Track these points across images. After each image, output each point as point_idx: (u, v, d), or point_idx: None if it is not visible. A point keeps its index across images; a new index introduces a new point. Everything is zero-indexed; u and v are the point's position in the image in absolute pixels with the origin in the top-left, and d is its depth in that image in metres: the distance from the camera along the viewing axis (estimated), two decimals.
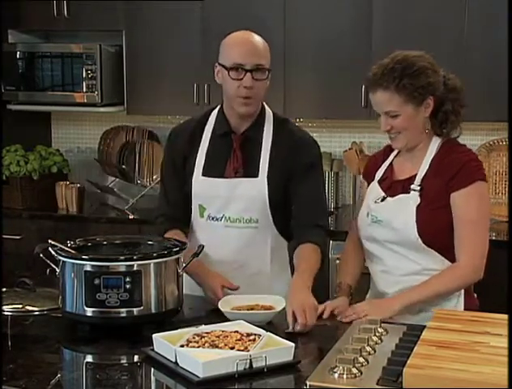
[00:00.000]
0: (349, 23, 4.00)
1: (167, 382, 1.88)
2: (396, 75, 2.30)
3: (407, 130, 2.35)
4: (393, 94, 2.30)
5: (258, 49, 2.47)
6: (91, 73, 4.36)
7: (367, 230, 2.45)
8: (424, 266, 2.35)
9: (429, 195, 2.34)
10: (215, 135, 2.59)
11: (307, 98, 4.13)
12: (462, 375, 1.62)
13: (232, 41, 2.51)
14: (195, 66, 4.26)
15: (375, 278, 2.49)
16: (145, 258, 2.19)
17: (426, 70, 2.32)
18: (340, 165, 4.35)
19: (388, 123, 2.36)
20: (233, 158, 2.56)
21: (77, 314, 2.18)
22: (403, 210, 2.35)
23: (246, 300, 2.33)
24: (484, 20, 3.78)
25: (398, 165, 2.48)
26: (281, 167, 2.55)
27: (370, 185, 2.52)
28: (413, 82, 2.29)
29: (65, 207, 4.39)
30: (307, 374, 1.78)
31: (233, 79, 2.44)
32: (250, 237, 2.56)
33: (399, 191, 2.40)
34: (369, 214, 2.44)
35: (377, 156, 2.61)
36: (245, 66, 2.43)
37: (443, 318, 1.98)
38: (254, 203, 2.53)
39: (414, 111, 2.33)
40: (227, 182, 2.55)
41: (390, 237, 2.38)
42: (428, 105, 2.34)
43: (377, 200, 2.43)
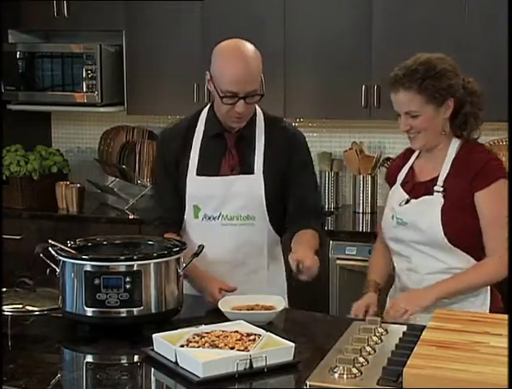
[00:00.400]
0: (349, 23, 4.00)
1: (167, 382, 1.89)
2: (419, 76, 2.34)
3: (427, 130, 2.39)
4: (415, 94, 2.35)
5: (251, 74, 2.44)
6: (91, 73, 4.36)
7: (392, 232, 2.49)
8: (450, 265, 2.39)
9: (453, 195, 2.38)
10: (208, 136, 2.60)
11: (307, 98, 4.13)
12: (462, 375, 1.62)
13: (226, 62, 2.45)
14: (195, 66, 4.25)
15: (401, 274, 2.52)
16: (145, 258, 2.19)
17: (448, 72, 2.36)
18: (340, 165, 4.35)
19: (408, 123, 2.40)
20: (228, 156, 2.57)
21: (77, 314, 2.18)
22: (427, 211, 2.39)
23: (246, 300, 2.34)
24: (484, 20, 3.78)
25: (418, 168, 2.51)
26: (276, 164, 2.57)
27: (392, 188, 2.57)
28: (435, 83, 2.34)
29: (65, 207, 4.39)
30: (307, 374, 1.78)
31: (225, 103, 2.45)
32: (247, 235, 2.57)
33: (422, 193, 2.43)
34: (394, 216, 2.48)
35: (397, 159, 2.65)
36: (239, 93, 2.43)
37: (443, 318, 1.98)
38: (251, 199, 2.55)
39: (434, 112, 2.36)
40: (223, 180, 2.55)
41: (416, 238, 2.42)
42: (448, 107, 2.37)
43: (401, 203, 2.47)
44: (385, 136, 4.36)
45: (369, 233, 3.92)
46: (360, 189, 4.21)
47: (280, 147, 2.59)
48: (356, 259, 3.76)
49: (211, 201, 2.55)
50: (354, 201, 4.25)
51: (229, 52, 2.48)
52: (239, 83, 2.42)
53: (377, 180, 4.25)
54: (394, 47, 3.93)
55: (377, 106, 3.97)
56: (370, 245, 3.73)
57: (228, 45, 2.52)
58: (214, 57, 2.52)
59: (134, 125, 4.70)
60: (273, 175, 2.56)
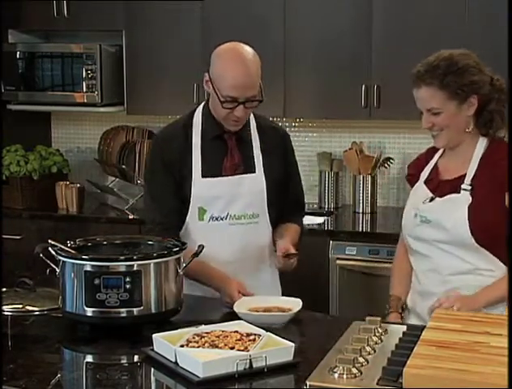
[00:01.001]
0: (349, 23, 4.00)
1: (167, 382, 1.89)
2: (440, 72, 2.30)
3: (449, 127, 2.34)
4: (436, 91, 2.31)
5: (251, 80, 2.46)
6: (91, 73, 4.36)
7: (414, 230, 2.43)
8: (476, 265, 2.33)
9: (481, 194, 2.32)
10: (208, 137, 2.60)
11: (307, 98, 4.13)
12: (462, 375, 1.62)
13: (226, 67, 2.46)
14: (195, 66, 4.25)
15: (420, 276, 2.45)
16: (145, 258, 2.19)
17: (470, 68, 2.32)
18: (340, 165, 4.35)
19: (430, 120, 2.36)
20: (230, 156, 2.59)
21: (77, 314, 2.18)
22: (454, 209, 2.33)
23: (263, 301, 2.32)
24: (484, 20, 3.78)
25: (443, 165, 2.46)
26: (273, 162, 2.64)
27: (415, 186, 2.51)
28: (457, 79, 2.29)
29: (65, 207, 4.39)
30: (307, 374, 1.78)
31: (225, 108, 2.47)
32: (252, 233, 2.60)
33: (448, 191, 2.38)
34: (417, 214, 2.42)
35: (420, 157, 2.60)
36: (239, 99, 2.45)
37: (443, 318, 1.98)
38: (255, 197, 2.59)
39: (456, 109, 2.32)
40: (229, 180, 2.57)
41: (440, 237, 2.36)
42: (472, 104, 2.33)
43: (425, 201, 2.41)
44: (385, 136, 4.36)
45: (369, 233, 3.93)
46: (360, 189, 4.21)
47: (275, 146, 2.67)
48: (356, 259, 3.76)
49: (218, 202, 2.56)
50: (354, 201, 4.25)
51: (229, 56, 2.49)
52: (239, 88, 2.43)
53: (377, 180, 4.25)
54: (394, 47, 3.94)
55: (377, 106, 3.97)
56: (370, 245, 3.75)
57: (228, 49, 2.52)
58: (214, 61, 2.52)
59: (134, 125, 4.70)
60: (271, 172, 2.62)
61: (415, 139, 4.31)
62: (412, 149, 4.31)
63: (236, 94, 2.44)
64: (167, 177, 2.60)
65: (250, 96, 2.46)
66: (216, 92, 2.47)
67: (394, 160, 4.27)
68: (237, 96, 2.45)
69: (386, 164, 4.25)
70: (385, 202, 4.37)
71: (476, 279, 2.33)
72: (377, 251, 3.73)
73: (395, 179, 4.36)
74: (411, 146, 4.32)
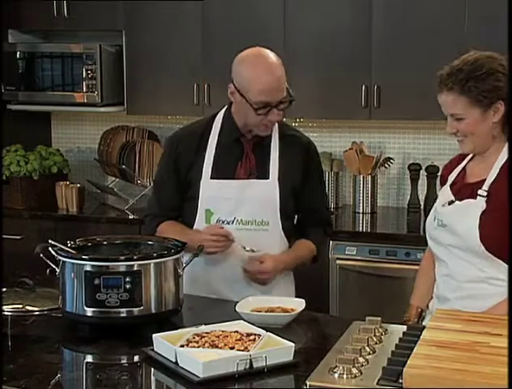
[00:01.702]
0: (349, 23, 4.00)
1: (167, 383, 1.89)
2: (462, 77, 2.22)
3: (473, 134, 2.27)
4: (458, 96, 2.23)
5: (279, 82, 2.47)
6: (91, 73, 4.36)
7: (433, 234, 2.40)
8: (490, 274, 2.26)
9: (497, 201, 2.24)
10: (225, 140, 2.59)
11: (307, 98, 4.12)
12: (461, 375, 1.62)
13: (255, 74, 2.46)
14: (195, 66, 4.26)
15: (438, 281, 2.42)
16: (145, 258, 2.19)
17: (496, 73, 2.22)
18: (340, 165, 4.35)
19: (453, 126, 2.28)
20: (245, 161, 2.58)
21: (77, 314, 2.18)
22: (467, 215, 2.28)
23: (266, 302, 2.31)
24: (484, 20, 3.77)
25: (470, 169, 2.40)
26: (291, 171, 2.59)
27: (442, 188, 2.47)
28: (478, 85, 2.21)
29: (65, 207, 4.39)
30: (307, 374, 1.78)
31: (259, 114, 2.46)
32: (262, 240, 2.55)
33: (467, 195, 2.32)
34: (436, 218, 2.38)
35: (453, 160, 2.53)
36: (271, 103, 2.46)
37: (443, 318, 1.98)
38: (266, 204, 2.55)
39: (481, 115, 2.24)
40: (238, 183, 2.55)
41: (454, 242, 2.31)
42: (498, 110, 2.23)
43: (444, 204, 2.37)
44: (385, 136, 4.36)
45: (369, 233, 3.93)
46: (360, 189, 4.21)
47: (295, 156, 2.62)
48: (356, 259, 3.76)
49: (226, 205, 2.54)
50: (354, 201, 4.25)
51: (255, 62, 2.48)
52: (270, 92, 2.44)
53: (377, 180, 4.25)
54: (393, 47, 3.94)
55: (377, 106, 3.97)
56: (370, 245, 3.75)
57: (251, 55, 2.51)
58: (238, 69, 2.50)
59: (134, 125, 4.70)
60: (287, 181, 2.57)
61: (415, 139, 4.31)
62: (412, 149, 4.32)
63: (269, 99, 2.44)
64: (173, 176, 2.62)
65: (281, 98, 2.46)
66: (247, 100, 2.46)
67: (394, 160, 4.27)
68: (270, 100, 2.44)
69: (386, 164, 4.25)
70: (385, 202, 4.37)
71: (489, 289, 2.27)
72: (377, 251, 3.73)
73: (395, 179, 4.36)
74: (412, 146, 4.32)
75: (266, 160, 2.58)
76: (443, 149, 4.04)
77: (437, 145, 4.12)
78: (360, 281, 3.79)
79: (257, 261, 2.51)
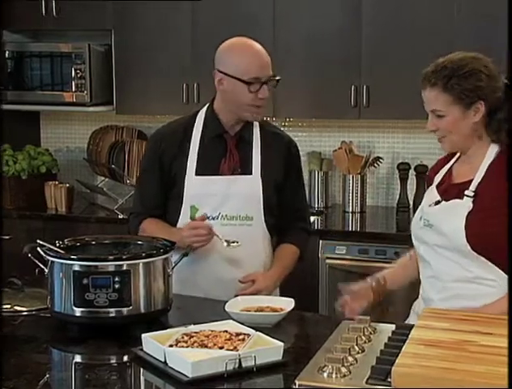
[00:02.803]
0: (339, 23, 4.01)
1: (156, 382, 1.88)
2: (446, 74, 2.23)
3: (452, 133, 2.28)
4: (440, 93, 2.24)
5: (268, 60, 2.56)
6: (80, 72, 4.35)
7: (418, 233, 2.40)
8: (476, 274, 2.26)
9: (484, 202, 2.25)
10: (207, 136, 2.61)
11: (296, 98, 4.13)
12: (450, 374, 1.62)
13: (243, 53, 2.53)
14: (184, 66, 4.26)
15: (423, 283, 2.42)
16: (134, 258, 2.19)
17: (478, 73, 2.23)
18: (330, 165, 4.36)
19: (434, 123, 2.30)
20: (229, 157, 2.60)
21: (66, 314, 2.17)
22: (453, 215, 2.28)
23: (255, 301, 2.32)
24: (474, 20, 3.78)
25: (456, 170, 2.40)
26: (272, 167, 2.63)
27: (428, 189, 2.47)
28: (461, 83, 2.22)
29: (54, 206, 4.38)
30: (296, 374, 1.78)
31: (252, 91, 2.50)
32: (246, 235, 2.57)
33: (454, 195, 2.32)
34: (422, 218, 2.38)
35: (439, 161, 2.53)
36: (262, 78, 2.50)
37: (432, 317, 1.98)
38: (250, 200, 2.58)
39: (461, 114, 2.25)
40: (223, 180, 2.57)
41: (440, 242, 2.31)
42: (478, 110, 2.24)
43: (430, 204, 2.37)
44: (374, 136, 4.37)
45: (359, 233, 3.94)
46: (349, 188, 4.22)
47: (276, 153, 2.66)
48: (346, 259, 3.77)
49: (211, 201, 2.56)
50: (343, 200, 4.26)
51: (241, 45, 2.57)
52: (262, 67, 2.52)
53: (366, 179, 4.26)
54: (383, 47, 3.95)
55: (366, 106, 3.98)
56: (360, 245, 3.76)
57: (236, 41, 2.59)
58: (225, 55, 2.55)
59: (124, 124, 4.69)
60: (270, 177, 2.61)
61: (404, 139, 4.33)
62: (401, 149, 4.33)
63: (260, 74, 2.50)
64: (156, 173, 2.63)
65: (271, 74, 2.54)
66: (240, 79, 2.50)
67: (384, 159, 4.28)
68: (261, 75, 2.50)
69: (375, 164, 4.26)
70: (374, 201, 4.38)
71: (475, 289, 2.27)
72: (367, 250, 3.73)
73: (385, 178, 4.37)
74: (401, 145, 4.34)
75: (249, 156, 2.61)
76: (432, 148, 4.05)
77: (427, 144, 4.13)
78: (350, 280, 3.76)
79: (249, 282, 2.53)
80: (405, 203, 4.15)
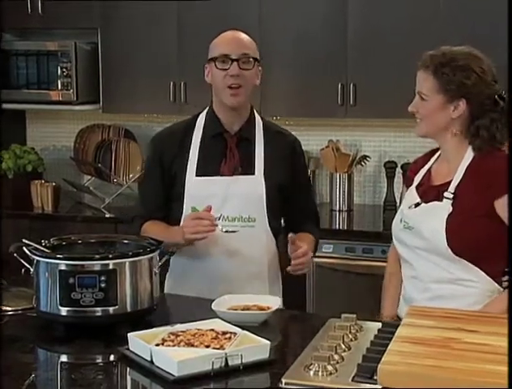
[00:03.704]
0: (325, 21, 4.01)
1: (142, 382, 1.88)
2: (440, 61, 2.26)
3: (428, 119, 2.30)
4: (429, 76, 2.27)
5: (243, 41, 2.54)
6: (66, 71, 4.34)
7: (399, 235, 2.40)
8: (457, 275, 2.27)
9: (463, 204, 2.26)
10: (207, 136, 2.59)
11: (283, 96, 4.14)
12: (435, 371, 1.63)
13: (220, 37, 2.57)
14: (171, 64, 4.25)
15: (405, 282, 2.43)
16: (120, 257, 2.18)
17: (469, 71, 2.24)
18: (317, 163, 4.37)
19: (416, 104, 2.32)
20: (230, 157, 2.56)
21: (51, 313, 2.16)
22: (433, 218, 2.28)
23: (244, 300, 2.31)
24: (460, 19, 3.79)
25: (435, 170, 2.41)
26: (276, 167, 2.58)
27: (408, 190, 2.46)
28: (450, 73, 2.24)
29: (40, 206, 4.37)
30: (282, 372, 1.78)
31: (220, 69, 2.48)
32: (248, 237, 2.54)
33: (433, 197, 2.32)
34: (402, 220, 2.38)
35: (418, 160, 2.53)
36: (231, 55, 2.48)
37: (417, 315, 1.98)
38: (252, 200, 2.53)
39: (442, 104, 2.27)
40: (224, 180, 2.54)
41: (420, 245, 2.32)
42: (458, 107, 2.26)
43: (410, 206, 2.37)
44: (361, 134, 4.38)
45: (346, 231, 3.95)
46: (336, 187, 4.23)
47: (281, 152, 2.61)
48: (333, 257, 3.78)
49: (211, 202, 2.49)
50: (331, 199, 4.27)
51: (225, 32, 2.59)
52: (230, 44, 2.50)
53: (353, 178, 4.27)
54: (369, 45, 3.96)
55: (353, 104, 3.99)
56: (347, 243, 3.77)
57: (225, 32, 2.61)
58: (211, 45, 2.57)
59: (110, 123, 4.68)
60: (273, 177, 2.56)
61: (391, 137, 4.34)
62: (388, 147, 4.35)
63: (228, 50, 2.48)
64: (158, 176, 2.61)
65: (242, 52, 2.50)
66: (211, 59, 2.51)
67: (371, 157, 4.29)
68: (229, 52, 2.48)
69: (362, 162, 4.27)
70: (361, 199, 4.40)
71: (457, 290, 2.29)
72: (354, 249, 3.75)
73: (372, 177, 4.39)
74: (388, 144, 4.35)
75: (251, 156, 2.57)
76: (419, 147, 4.03)
77: (413, 143, 4.14)
78: (337, 279, 3.80)
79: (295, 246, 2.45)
80: (392, 202, 4.16)
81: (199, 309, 2.33)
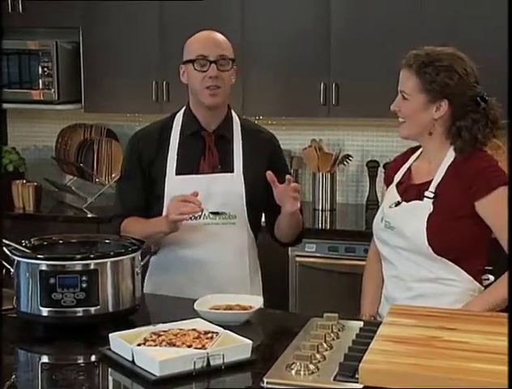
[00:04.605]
0: (308, 21, 4.01)
1: (124, 382, 1.87)
2: (424, 60, 2.26)
3: (410, 119, 2.30)
4: (412, 76, 2.27)
5: (220, 42, 2.53)
6: (47, 70, 4.32)
7: (380, 235, 2.41)
8: (438, 275, 2.28)
9: (444, 203, 2.27)
10: (185, 135, 2.59)
11: (266, 96, 4.13)
12: (416, 370, 1.64)
13: (195, 37, 2.56)
14: (154, 64, 4.24)
15: (386, 281, 2.43)
16: (101, 257, 2.17)
17: (452, 71, 2.25)
18: (300, 163, 4.37)
19: (398, 103, 2.32)
20: (208, 155, 2.57)
21: (32, 314, 2.15)
22: (414, 217, 2.29)
23: (226, 299, 2.30)
24: (440, 19, 3.81)
25: (415, 169, 2.41)
26: (255, 164, 2.57)
27: (388, 188, 2.46)
28: (433, 73, 2.25)
29: (21, 206, 4.34)
30: (265, 372, 1.78)
31: (198, 70, 2.48)
32: (229, 235, 2.55)
33: (414, 196, 2.33)
34: (383, 219, 2.38)
35: (397, 159, 2.54)
36: (209, 57, 2.48)
37: (399, 314, 1.99)
38: (232, 198, 2.54)
39: (423, 104, 2.27)
40: (204, 178, 2.54)
41: (401, 244, 2.32)
42: (440, 107, 2.27)
43: (391, 205, 2.37)
44: (344, 133, 4.39)
45: (329, 230, 3.95)
46: (319, 186, 4.23)
47: (259, 148, 2.62)
48: (316, 256, 3.78)
49: None
50: (313, 198, 4.27)
51: (200, 32, 2.58)
52: (207, 45, 2.50)
53: (336, 177, 4.27)
54: (352, 45, 3.96)
55: (335, 104, 3.99)
56: (329, 242, 3.77)
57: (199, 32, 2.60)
58: (186, 45, 2.57)
59: (92, 123, 4.66)
60: (252, 175, 2.56)
61: (373, 137, 4.35)
62: (371, 146, 4.36)
63: (206, 51, 2.48)
64: (136, 175, 2.60)
65: (220, 54, 2.49)
66: (188, 61, 2.50)
67: (353, 157, 4.30)
68: (207, 53, 2.48)
69: (344, 162, 4.28)
70: (344, 199, 4.40)
71: (439, 288, 2.30)
72: (337, 248, 3.75)
73: (354, 176, 4.40)
74: (370, 143, 4.36)
75: (230, 154, 2.58)
76: (401, 146, 4.04)
77: (395, 142, 4.15)
78: (320, 278, 3.81)
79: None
80: (374, 201, 4.17)
81: (181, 309, 2.32)
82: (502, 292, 2.21)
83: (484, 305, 2.20)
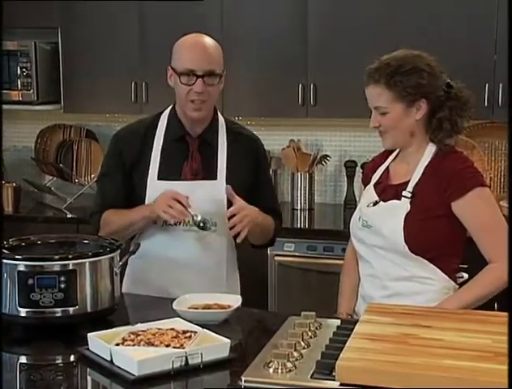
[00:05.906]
0: (285, 21, 4.04)
1: (102, 382, 1.87)
2: (389, 71, 2.26)
3: (395, 129, 2.31)
4: (383, 90, 2.27)
5: (209, 54, 2.46)
6: (26, 71, 4.31)
7: (357, 234, 2.42)
8: (414, 273, 2.30)
9: (421, 203, 2.28)
10: (170, 139, 2.55)
11: (244, 97, 4.15)
12: (392, 367, 1.66)
13: (184, 45, 2.49)
14: (133, 65, 4.24)
15: (363, 280, 2.44)
16: (80, 257, 2.17)
17: (420, 71, 2.26)
18: (278, 163, 4.39)
19: (377, 120, 2.32)
20: (191, 161, 2.54)
21: (10, 314, 2.14)
22: (392, 217, 2.30)
23: (205, 298, 2.31)
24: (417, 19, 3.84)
25: (393, 169, 2.42)
26: (239, 171, 2.56)
27: (366, 188, 2.48)
28: (403, 80, 2.25)
29: None
30: (243, 370, 1.79)
31: (184, 84, 2.43)
32: (209, 241, 2.53)
33: (391, 196, 2.34)
34: (361, 218, 2.39)
35: (375, 159, 2.55)
36: (196, 71, 2.42)
37: (375, 312, 2.02)
38: (213, 205, 2.50)
39: (404, 111, 2.28)
40: (185, 185, 2.50)
41: (379, 243, 2.34)
42: (420, 107, 2.28)
43: (369, 204, 2.39)
44: (322, 134, 4.41)
45: (307, 230, 3.97)
46: (297, 186, 4.26)
47: (243, 155, 2.59)
48: (294, 256, 3.80)
49: None
50: (292, 198, 4.29)
51: (188, 39, 2.51)
52: (196, 60, 2.42)
53: (314, 177, 4.30)
54: (329, 46, 3.99)
55: (313, 104, 4.01)
56: (308, 242, 3.80)
57: (187, 36, 2.53)
58: (174, 49, 2.51)
59: (71, 123, 4.65)
60: (235, 181, 2.51)
61: (351, 137, 4.38)
62: (349, 146, 4.39)
63: (193, 65, 2.42)
64: (117, 172, 2.57)
65: (208, 69, 2.43)
66: (175, 71, 2.45)
67: (331, 157, 4.32)
68: (194, 67, 2.42)
69: (323, 162, 4.30)
70: (322, 198, 4.43)
71: (414, 287, 2.32)
72: (315, 247, 3.78)
73: (332, 176, 4.42)
74: (348, 143, 4.39)
75: (213, 160, 2.55)
76: (378, 146, 4.07)
77: (373, 142, 4.17)
78: (299, 277, 3.83)
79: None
80: (352, 200, 4.20)
81: (160, 308, 2.33)
82: (477, 292, 2.25)
83: (459, 304, 2.23)
